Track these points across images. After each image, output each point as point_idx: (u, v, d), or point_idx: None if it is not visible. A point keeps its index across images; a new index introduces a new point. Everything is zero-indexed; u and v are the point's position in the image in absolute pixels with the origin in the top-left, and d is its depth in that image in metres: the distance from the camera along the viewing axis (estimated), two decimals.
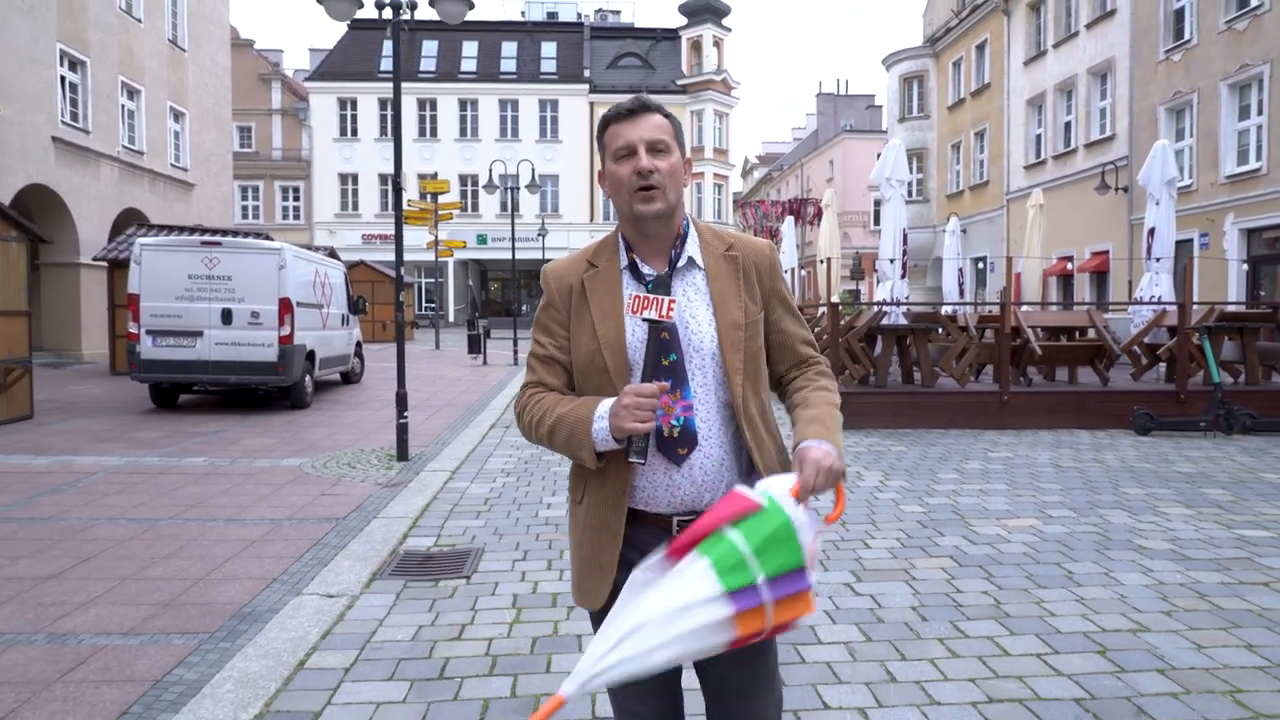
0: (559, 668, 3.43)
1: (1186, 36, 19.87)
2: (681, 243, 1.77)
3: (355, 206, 42.65)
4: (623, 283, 1.76)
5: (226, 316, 10.77)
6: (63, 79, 18.34)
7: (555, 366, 1.80)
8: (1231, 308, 13.73)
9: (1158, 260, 11.64)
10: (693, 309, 1.73)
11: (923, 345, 10.30)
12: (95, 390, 13.52)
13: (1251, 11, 17.67)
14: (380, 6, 7.90)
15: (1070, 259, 24.64)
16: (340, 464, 7.78)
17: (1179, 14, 20.36)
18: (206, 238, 11.46)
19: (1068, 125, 25.15)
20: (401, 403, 7.95)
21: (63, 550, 5.03)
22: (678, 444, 1.68)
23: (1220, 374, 9.45)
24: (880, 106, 52.79)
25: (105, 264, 16.47)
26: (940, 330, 10.79)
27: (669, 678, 1.78)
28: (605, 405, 1.65)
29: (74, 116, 18.85)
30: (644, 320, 1.66)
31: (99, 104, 19.54)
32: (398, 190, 7.69)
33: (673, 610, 1.41)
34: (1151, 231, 11.76)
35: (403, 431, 7.89)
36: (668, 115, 1.75)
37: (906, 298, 11.62)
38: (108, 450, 8.33)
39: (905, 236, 11.40)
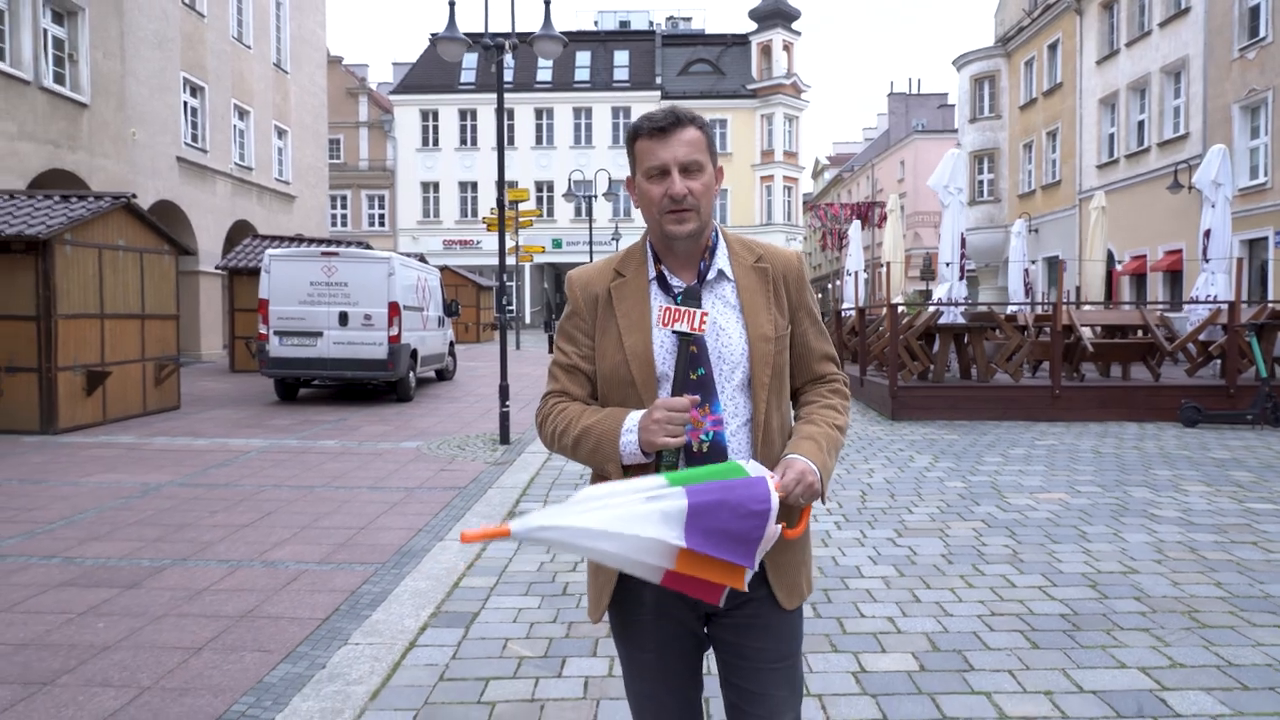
0: None
1: (1261, 34, 19.82)
2: (711, 254, 1.75)
3: (436, 213, 44.56)
4: (650, 294, 1.74)
5: (343, 319, 12.09)
6: (185, 104, 20.18)
7: (579, 376, 1.79)
8: None
9: (1209, 261, 12.00)
10: (723, 322, 1.71)
11: (978, 343, 10.98)
12: (222, 385, 15.08)
13: None
14: (485, 48, 9.02)
15: (1144, 258, 24.60)
16: (451, 446, 8.93)
17: (1254, 11, 20.30)
18: (326, 249, 12.81)
19: (1140, 124, 25.09)
20: (504, 394, 9.07)
21: (247, 508, 6.23)
22: (707, 459, 1.66)
23: (1267, 369, 9.89)
24: (953, 106, 52.44)
25: (224, 272, 18.19)
26: (996, 329, 11.44)
27: (685, 692, 1.78)
28: (633, 418, 1.63)
29: (194, 137, 20.71)
30: (674, 333, 1.66)
31: (215, 125, 21.39)
32: (501, 208, 8.80)
33: (628, 499, 1.48)
34: (1207, 233, 12.15)
35: (505, 419, 9.01)
36: (701, 126, 1.72)
37: (965, 298, 12.27)
38: (251, 434, 9.65)
39: (963, 240, 12.07)
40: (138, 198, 10.68)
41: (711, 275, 1.74)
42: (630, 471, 1.64)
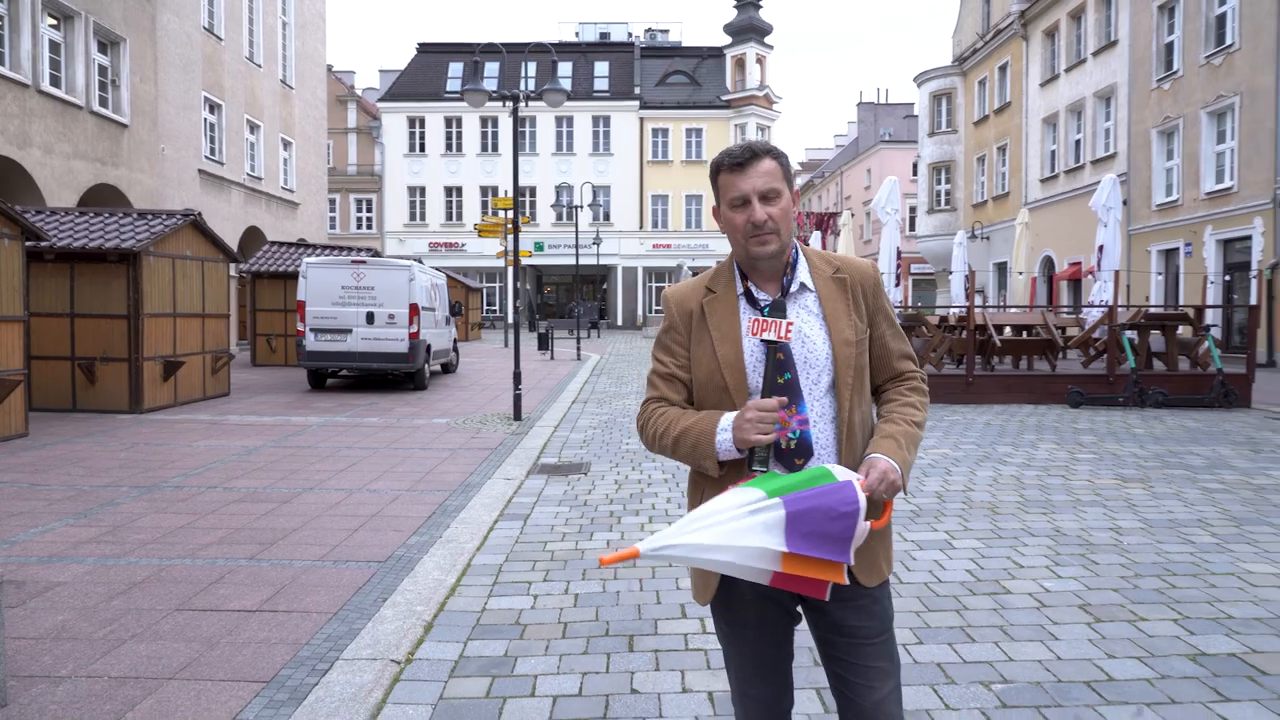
0: (644, 505, 6.50)
1: (1175, 68, 22.31)
2: (792, 270, 1.90)
3: (423, 217, 46.34)
4: (740, 308, 1.90)
5: (370, 318, 14.06)
6: (204, 120, 21.99)
7: (676, 384, 1.95)
8: (1217, 309, 16.18)
9: (1102, 272, 14.29)
10: (808, 329, 1.86)
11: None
12: (255, 377, 16.97)
13: (1225, 49, 20.10)
14: (502, 98, 11.06)
15: (1080, 264, 27.07)
16: (475, 421, 10.96)
17: (1169, 47, 22.79)
18: (355, 257, 14.77)
19: (1078, 143, 27.59)
20: (517, 379, 11.13)
21: (335, 460, 8.23)
22: (794, 455, 1.82)
23: (1136, 360, 12.15)
24: (917, 116, 54.94)
25: (244, 275, 20.04)
26: (923, 328, 13.66)
27: (781, 662, 1.99)
28: (727, 418, 1.80)
29: (212, 151, 22.52)
30: (763, 341, 1.81)
31: (230, 139, 23.21)
32: (516, 228, 10.83)
33: (732, 515, 1.67)
34: (1100, 248, 14.44)
35: (518, 400, 11.05)
36: (776, 156, 1.85)
37: (900, 302, 14.46)
38: (305, 414, 11.61)
39: (899, 253, 14.29)
40: (182, 210, 12.57)
41: (794, 288, 1.90)
42: (725, 468, 1.83)
